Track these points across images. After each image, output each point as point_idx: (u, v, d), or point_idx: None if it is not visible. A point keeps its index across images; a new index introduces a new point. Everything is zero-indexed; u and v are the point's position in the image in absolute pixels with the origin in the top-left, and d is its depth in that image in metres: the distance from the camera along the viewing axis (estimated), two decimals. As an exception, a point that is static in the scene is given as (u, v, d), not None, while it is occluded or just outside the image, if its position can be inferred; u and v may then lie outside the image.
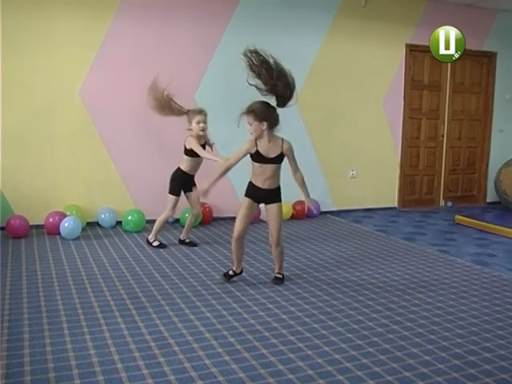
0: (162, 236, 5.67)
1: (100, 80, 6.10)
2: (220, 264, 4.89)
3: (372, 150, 7.72)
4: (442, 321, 3.64)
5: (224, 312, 3.69)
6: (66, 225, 5.59)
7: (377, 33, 7.48)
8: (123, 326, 3.39)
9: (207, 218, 6.57)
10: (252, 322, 3.53)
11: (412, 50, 7.80)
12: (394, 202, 8.06)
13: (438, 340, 3.31)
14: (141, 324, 3.44)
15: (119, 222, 6.19)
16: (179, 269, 4.71)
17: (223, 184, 6.82)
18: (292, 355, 3.04)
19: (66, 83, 5.99)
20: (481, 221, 6.85)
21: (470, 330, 3.49)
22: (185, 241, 5.56)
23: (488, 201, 8.74)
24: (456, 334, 3.40)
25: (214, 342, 3.19)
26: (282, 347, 3.14)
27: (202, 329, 3.39)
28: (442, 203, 8.46)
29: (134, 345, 3.12)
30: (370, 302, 3.97)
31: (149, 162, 6.40)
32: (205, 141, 5.39)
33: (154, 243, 5.42)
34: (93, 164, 6.20)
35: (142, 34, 6.24)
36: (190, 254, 5.22)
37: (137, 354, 2.99)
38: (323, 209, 7.33)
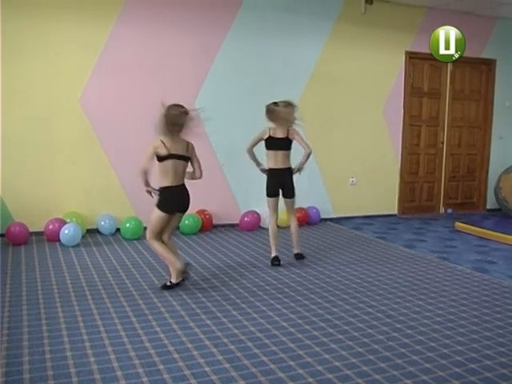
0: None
1: (100, 87, 6.12)
2: (219, 271, 4.88)
3: (372, 157, 7.72)
4: (443, 328, 3.63)
5: (224, 319, 3.68)
6: (66, 232, 5.59)
7: (377, 40, 7.51)
8: (123, 334, 3.38)
9: (207, 225, 6.56)
10: (252, 329, 3.52)
11: (412, 57, 7.82)
12: (393, 209, 8.06)
13: (438, 347, 3.30)
14: (140, 331, 3.43)
15: (119, 229, 6.19)
16: (179, 276, 4.71)
17: (223, 192, 6.86)
18: (292, 362, 3.03)
19: (66, 90, 6.00)
20: (481, 228, 6.84)
21: (471, 337, 3.48)
22: (297, 253, 5.26)
23: (488, 208, 8.73)
24: (456, 342, 3.40)
25: (214, 350, 3.18)
26: (282, 354, 3.14)
27: (202, 336, 3.38)
28: (441, 210, 8.45)
29: (134, 352, 3.11)
30: (370, 310, 3.96)
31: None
32: None
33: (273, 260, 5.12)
34: (93, 171, 6.20)
35: (142, 40, 6.27)
36: (190, 260, 5.21)
37: (136, 362, 2.99)
38: (323, 216, 7.33)
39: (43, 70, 5.90)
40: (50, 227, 5.79)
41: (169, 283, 4.33)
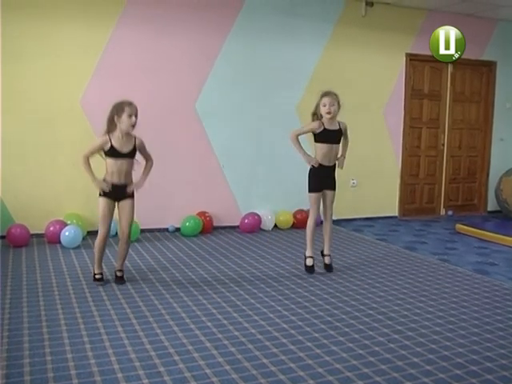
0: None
1: (101, 89, 6.11)
2: (220, 273, 4.88)
3: (372, 159, 7.72)
4: (443, 330, 3.62)
5: (224, 321, 3.68)
6: (67, 234, 5.59)
7: (377, 42, 7.52)
8: (123, 335, 3.38)
9: (207, 227, 6.56)
10: (252, 331, 3.52)
11: (412, 60, 7.83)
12: (394, 210, 8.06)
13: (439, 349, 3.30)
14: (141, 333, 3.43)
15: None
16: (179, 277, 4.71)
17: (224, 194, 6.86)
18: (293, 365, 3.03)
19: (67, 92, 6.01)
20: (481, 230, 6.84)
21: (472, 339, 3.47)
22: (325, 255, 5.15)
23: (489, 210, 8.73)
24: (457, 344, 3.39)
25: (215, 352, 3.18)
26: (283, 356, 3.13)
27: (203, 338, 3.38)
28: (442, 212, 8.45)
29: (135, 354, 3.11)
30: (370, 312, 3.96)
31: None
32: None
33: (307, 261, 5.02)
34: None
35: (143, 42, 6.28)
36: (191, 262, 5.22)
37: (137, 364, 2.98)
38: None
39: (44, 72, 5.90)
40: (51, 229, 5.79)
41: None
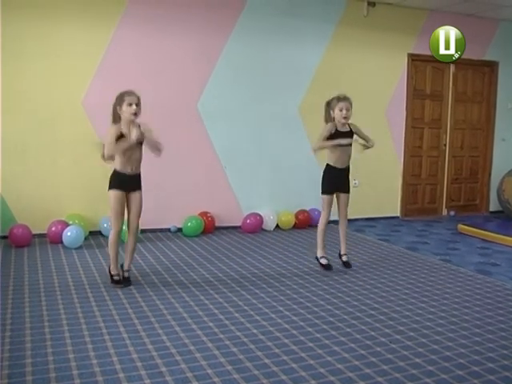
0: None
1: (103, 89, 6.10)
2: (222, 273, 4.88)
3: (374, 159, 7.69)
4: (445, 330, 3.62)
5: (226, 321, 3.68)
6: (69, 234, 5.60)
7: (379, 42, 7.51)
8: (125, 336, 3.38)
9: (209, 227, 6.56)
10: (254, 331, 3.52)
11: (414, 60, 7.82)
12: (396, 211, 8.05)
13: (441, 350, 3.29)
14: (143, 333, 3.43)
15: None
16: (181, 278, 4.71)
17: (226, 194, 6.86)
18: (294, 365, 3.03)
19: (68, 92, 6.02)
20: (483, 230, 6.82)
21: (474, 339, 3.47)
22: (342, 256, 5.17)
23: (491, 210, 8.72)
24: (459, 344, 3.39)
25: (217, 352, 3.18)
26: (285, 357, 3.13)
27: (205, 338, 3.38)
28: (444, 212, 8.44)
29: (136, 354, 3.11)
30: (372, 312, 3.96)
31: (149, 171, 6.39)
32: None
33: (321, 261, 5.03)
34: (95, 173, 6.20)
35: (144, 42, 6.28)
36: (192, 263, 5.22)
37: (139, 364, 2.99)
38: (326, 218, 7.31)
39: (45, 72, 5.91)
40: (53, 229, 5.80)
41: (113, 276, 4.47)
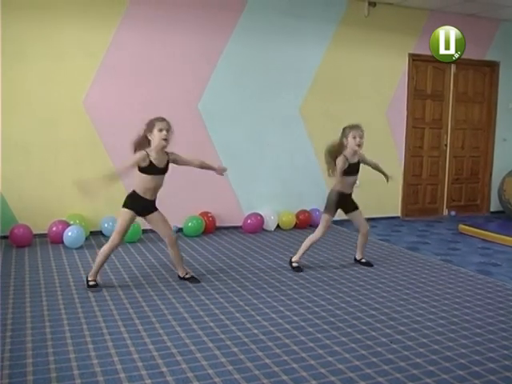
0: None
1: (104, 90, 6.13)
2: (222, 273, 4.89)
3: (375, 159, 7.68)
4: (446, 330, 3.62)
5: (227, 321, 3.68)
6: (70, 234, 5.61)
7: (379, 42, 7.51)
8: (126, 336, 3.38)
9: (210, 228, 6.57)
10: (255, 331, 3.52)
11: (415, 60, 7.82)
12: (397, 211, 8.05)
13: (441, 350, 3.29)
14: (144, 333, 3.43)
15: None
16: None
17: (226, 194, 6.87)
18: (295, 365, 3.03)
19: (69, 92, 6.02)
20: (484, 230, 6.82)
21: (474, 339, 3.47)
22: (361, 260, 5.31)
23: (492, 210, 8.72)
24: (460, 344, 3.39)
25: (217, 352, 3.18)
26: (285, 357, 3.13)
27: (205, 338, 3.38)
28: (445, 212, 8.44)
29: (137, 354, 3.11)
30: (373, 312, 3.96)
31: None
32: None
33: (294, 264, 5.10)
34: (96, 173, 6.17)
35: (145, 43, 6.28)
36: (193, 263, 5.22)
37: (140, 364, 2.99)
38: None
39: (46, 73, 5.91)
40: (54, 229, 5.80)
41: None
